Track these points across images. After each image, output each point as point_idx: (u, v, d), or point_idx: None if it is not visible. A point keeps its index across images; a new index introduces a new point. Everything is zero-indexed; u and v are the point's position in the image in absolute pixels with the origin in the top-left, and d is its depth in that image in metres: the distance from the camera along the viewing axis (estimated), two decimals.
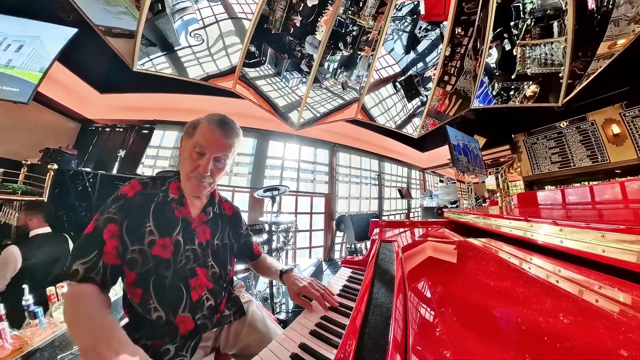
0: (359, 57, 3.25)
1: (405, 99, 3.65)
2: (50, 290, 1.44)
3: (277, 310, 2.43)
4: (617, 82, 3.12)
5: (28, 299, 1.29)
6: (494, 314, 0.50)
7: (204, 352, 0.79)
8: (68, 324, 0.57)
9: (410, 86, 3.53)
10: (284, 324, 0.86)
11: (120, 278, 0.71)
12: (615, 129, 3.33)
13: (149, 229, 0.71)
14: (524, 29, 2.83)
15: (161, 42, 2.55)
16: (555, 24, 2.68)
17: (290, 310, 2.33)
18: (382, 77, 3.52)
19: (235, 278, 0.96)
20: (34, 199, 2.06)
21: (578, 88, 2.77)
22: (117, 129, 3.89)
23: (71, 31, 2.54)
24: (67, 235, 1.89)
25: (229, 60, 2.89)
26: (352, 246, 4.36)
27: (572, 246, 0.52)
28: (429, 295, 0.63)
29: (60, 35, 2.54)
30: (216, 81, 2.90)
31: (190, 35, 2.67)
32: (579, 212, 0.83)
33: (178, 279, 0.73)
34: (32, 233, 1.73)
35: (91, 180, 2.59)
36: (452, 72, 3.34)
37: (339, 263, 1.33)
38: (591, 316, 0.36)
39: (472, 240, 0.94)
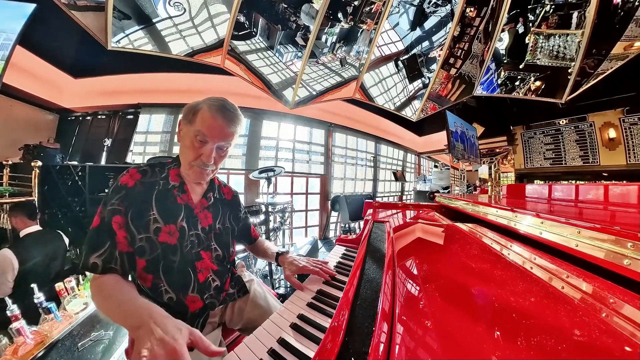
0: (360, 30, 2.95)
1: (406, 79, 3.43)
2: (59, 286, 1.51)
3: (277, 285, 2.58)
4: (624, 86, 3.05)
5: (39, 296, 1.35)
6: (472, 291, 0.55)
7: (212, 327, 0.85)
8: (106, 313, 0.60)
9: (413, 66, 3.31)
10: (283, 298, 0.93)
11: None
12: (612, 133, 3.36)
13: (153, 217, 0.72)
14: (541, 15, 2.67)
15: (136, 14, 2.20)
16: (575, 14, 2.51)
17: (288, 286, 2.46)
18: (383, 55, 3.25)
19: (236, 258, 1.00)
20: (24, 199, 2.00)
21: (585, 87, 2.68)
22: (99, 117, 3.56)
23: (29, 7, 2.17)
24: (60, 232, 1.89)
25: (216, 33, 2.56)
26: (346, 225, 4.51)
27: (549, 238, 0.56)
28: (415, 272, 0.69)
29: (18, 13, 2.15)
30: (203, 57, 2.62)
31: (169, 4, 2.30)
32: (562, 208, 0.88)
33: (185, 263, 0.76)
34: (22, 233, 1.71)
35: (80, 173, 2.48)
36: (458, 54, 3.14)
37: (334, 241, 1.40)
38: (555, 300, 0.41)
39: (459, 224, 0.99)
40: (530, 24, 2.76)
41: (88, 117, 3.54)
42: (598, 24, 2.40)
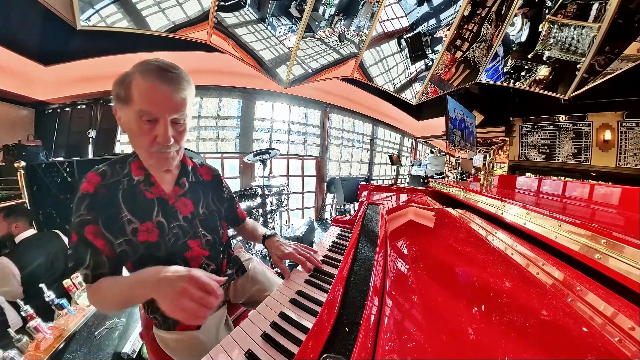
0: (362, 2, 2.71)
1: (409, 59, 3.21)
2: (67, 282, 1.54)
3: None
4: (629, 88, 2.98)
5: (49, 294, 1.37)
6: (456, 271, 0.61)
7: (218, 305, 0.87)
8: (117, 306, 0.65)
9: (417, 46, 3.08)
10: (282, 275, 0.95)
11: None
12: (607, 135, 3.38)
13: (126, 218, 0.67)
14: (559, 1, 2.52)
15: None
16: (596, 6, 2.36)
17: (287, 264, 2.60)
18: (386, 31, 3.00)
19: (234, 240, 0.99)
20: (14, 203, 1.94)
21: (590, 85, 2.61)
22: (79, 107, 3.22)
23: None
24: (57, 232, 1.86)
25: (200, 4, 2.26)
26: (342, 207, 4.60)
27: (532, 228, 0.60)
28: (406, 252, 0.74)
29: None
30: (186, 32, 2.33)
31: None
32: (547, 201, 0.93)
33: (173, 257, 0.74)
34: (18, 239, 1.69)
35: (68, 169, 2.34)
36: (466, 36, 2.93)
37: (329, 222, 1.43)
38: (529, 284, 0.46)
39: (450, 210, 1.03)
40: (547, 10, 2.63)
41: (67, 109, 3.21)
42: (617, 19, 2.26)
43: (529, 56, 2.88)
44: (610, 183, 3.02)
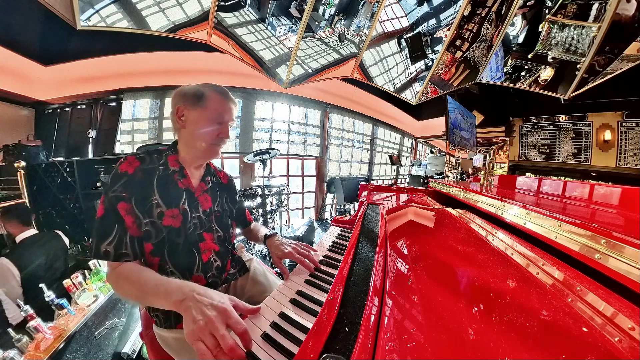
0: (362, 2, 2.71)
1: (409, 59, 3.20)
2: (67, 282, 1.54)
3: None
4: (628, 88, 2.99)
5: (49, 294, 1.37)
6: (456, 271, 0.61)
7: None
8: (136, 298, 0.64)
9: (417, 46, 3.08)
10: (282, 275, 0.94)
11: None
12: (607, 135, 3.38)
13: (156, 201, 0.74)
14: (559, 1, 2.53)
15: None
16: (596, 6, 2.35)
17: (287, 265, 2.62)
18: (386, 31, 2.99)
19: (235, 240, 1.03)
20: (14, 203, 1.94)
21: (590, 85, 2.61)
22: (79, 107, 3.23)
23: None
24: (57, 232, 1.86)
25: (200, 4, 2.28)
26: (342, 207, 4.60)
27: (532, 228, 0.60)
28: (406, 252, 0.74)
29: None
30: (186, 32, 2.34)
31: None
32: (548, 201, 0.93)
33: (189, 245, 0.80)
34: (18, 239, 1.69)
35: (68, 169, 2.37)
36: (466, 36, 2.93)
37: (329, 222, 1.43)
38: (530, 284, 0.46)
39: (450, 210, 1.04)
40: (547, 10, 2.63)
41: (67, 109, 3.23)
42: (617, 19, 2.25)
43: (529, 56, 2.88)
44: (610, 183, 3.02)
